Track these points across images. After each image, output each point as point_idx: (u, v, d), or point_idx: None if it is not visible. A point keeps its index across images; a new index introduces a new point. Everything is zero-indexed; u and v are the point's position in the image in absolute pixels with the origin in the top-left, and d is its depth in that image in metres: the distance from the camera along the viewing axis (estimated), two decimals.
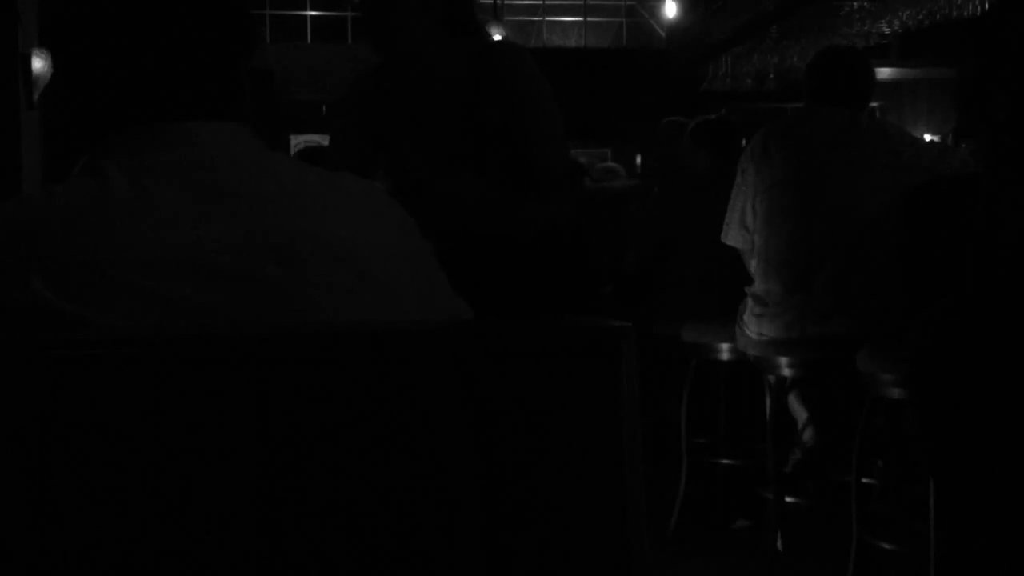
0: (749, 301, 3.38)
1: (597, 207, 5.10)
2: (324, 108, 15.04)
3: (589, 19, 19.04)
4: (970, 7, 9.95)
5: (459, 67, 2.29)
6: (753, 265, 3.39)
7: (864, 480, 3.05)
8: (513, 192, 2.28)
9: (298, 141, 15.80)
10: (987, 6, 9.42)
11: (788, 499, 3.45)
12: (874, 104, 14.26)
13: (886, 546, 3.00)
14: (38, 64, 5.75)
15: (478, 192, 2.29)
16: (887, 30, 11.95)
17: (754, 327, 3.34)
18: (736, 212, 3.45)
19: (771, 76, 13.78)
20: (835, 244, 3.21)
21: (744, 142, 3.79)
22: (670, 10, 14.70)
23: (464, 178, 2.28)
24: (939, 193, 2.80)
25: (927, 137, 9.55)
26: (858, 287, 3.18)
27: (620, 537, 0.93)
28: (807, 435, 3.47)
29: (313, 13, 17.69)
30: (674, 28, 16.09)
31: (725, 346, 3.67)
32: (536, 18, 18.79)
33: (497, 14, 12.93)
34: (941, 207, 2.70)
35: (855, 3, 11.86)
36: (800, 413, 3.50)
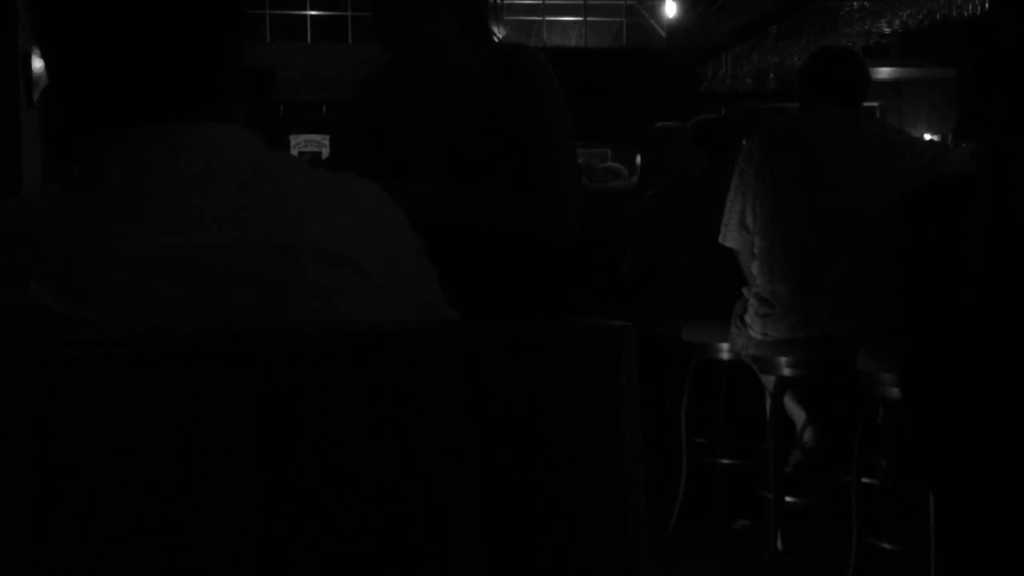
0: (752, 302, 3.38)
1: (596, 208, 5.09)
2: (324, 108, 15.06)
3: (589, 19, 19.05)
4: (970, 7, 9.96)
5: (483, 66, 2.24)
6: (755, 266, 3.38)
7: (864, 480, 3.05)
8: (518, 198, 2.24)
9: (298, 141, 15.83)
10: (986, 6, 9.42)
11: (788, 499, 3.45)
12: (874, 104, 14.28)
13: (886, 546, 3.00)
14: (38, 64, 5.74)
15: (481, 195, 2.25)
16: (887, 30, 11.96)
17: (759, 327, 3.33)
18: (735, 214, 3.44)
19: (771, 76, 13.80)
20: (841, 244, 3.21)
21: (744, 142, 3.80)
22: (670, 10, 14.72)
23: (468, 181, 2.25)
24: (939, 193, 2.80)
25: (927, 137, 9.55)
26: (865, 287, 3.18)
27: (620, 537, 0.93)
28: (807, 435, 3.47)
29: (313, 13, 17.71)
30: (674, 28, 16.11)
31: (725, 346, 3.67)
32: (536, 18, 18.80)
33: (497, 14, 12.94)
34: (941, 207, 2.69)
35: (855, 3, 11.87)
36: (797, 414, 3.50)
